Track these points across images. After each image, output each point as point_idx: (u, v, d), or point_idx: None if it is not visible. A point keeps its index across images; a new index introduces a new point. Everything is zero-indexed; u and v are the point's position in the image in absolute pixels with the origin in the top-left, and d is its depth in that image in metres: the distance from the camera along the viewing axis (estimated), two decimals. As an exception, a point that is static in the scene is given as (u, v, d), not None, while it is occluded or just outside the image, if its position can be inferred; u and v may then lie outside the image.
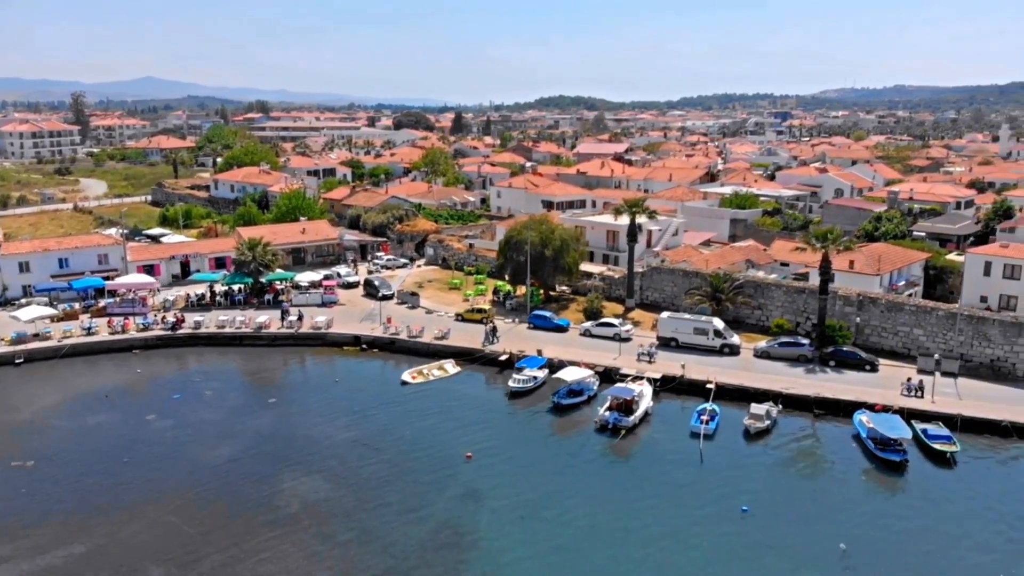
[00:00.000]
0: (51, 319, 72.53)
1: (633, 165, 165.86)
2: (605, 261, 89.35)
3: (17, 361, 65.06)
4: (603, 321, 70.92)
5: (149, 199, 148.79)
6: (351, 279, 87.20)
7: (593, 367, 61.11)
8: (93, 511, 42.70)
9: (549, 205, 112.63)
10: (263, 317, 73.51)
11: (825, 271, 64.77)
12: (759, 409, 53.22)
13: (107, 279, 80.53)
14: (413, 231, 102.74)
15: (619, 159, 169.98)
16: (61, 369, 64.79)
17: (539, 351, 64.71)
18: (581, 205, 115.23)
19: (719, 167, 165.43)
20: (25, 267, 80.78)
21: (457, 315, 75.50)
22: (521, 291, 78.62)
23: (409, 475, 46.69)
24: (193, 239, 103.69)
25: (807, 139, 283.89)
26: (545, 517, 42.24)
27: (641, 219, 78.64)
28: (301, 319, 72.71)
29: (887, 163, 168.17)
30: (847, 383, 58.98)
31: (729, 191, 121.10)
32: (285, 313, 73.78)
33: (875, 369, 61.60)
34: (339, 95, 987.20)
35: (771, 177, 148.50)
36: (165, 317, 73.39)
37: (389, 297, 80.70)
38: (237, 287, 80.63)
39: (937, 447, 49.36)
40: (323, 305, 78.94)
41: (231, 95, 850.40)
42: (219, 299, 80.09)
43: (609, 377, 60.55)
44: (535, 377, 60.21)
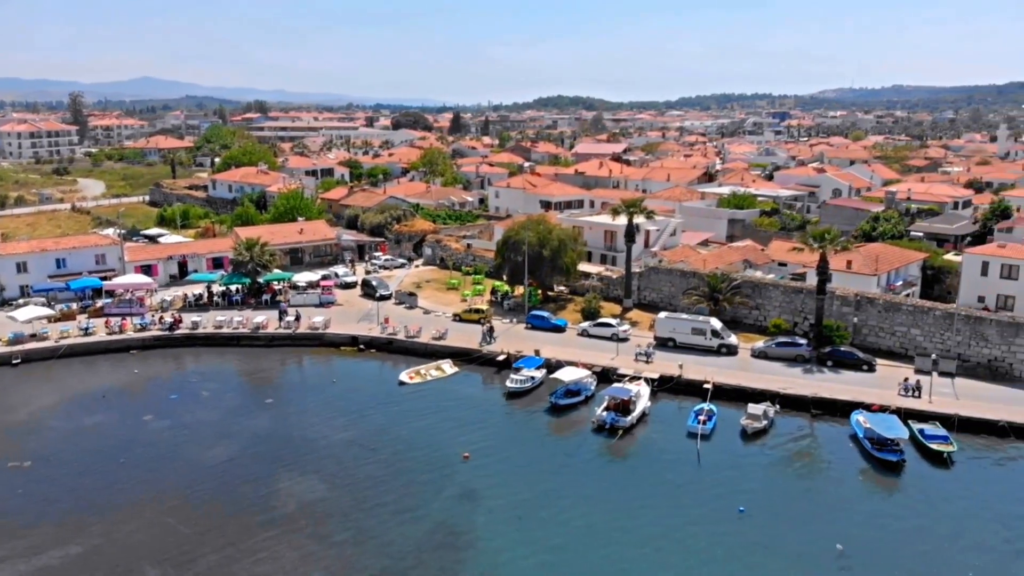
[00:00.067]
0: (48, 319, 72.43)
1: (631, 165, 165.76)
2: (603, 261, 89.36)
3: (14, 361, 65.02)
4: (601, 321, 70.94)
5: (147, 199, 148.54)
6: (349, 279, 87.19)
7: (591, 367, 61.14)
8: (89, 511, 42.66)
9: (547, 205, 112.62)
10: (261, 317, 73.46)
11: (823, 271, 64.80)
12: (756, 409, 53.27)
13: (104, 279, 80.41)
14: (411, 231, 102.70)
15: (617, 159, 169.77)
16: (58, 369, 64.72)
17: (537, 351, 64.74)
18: (579, 205, 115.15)
19: (717, 167, 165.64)
20: (22, 267, 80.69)
21: (455, 315, 75.49)
22: (519, 291, 78.54)
23: (406, 475, 46.68)
24: (191, 239, 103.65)
25: (805, 139, 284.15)
26: (542, 517, 42.24)
27: (639, 219, 78.81)
28: (299, 319, 72.67)
29: (885, 163, 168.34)
30: (844, 383, 59.04)
31: (727, 191, 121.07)
32: (283, 313, 73.76)
33: (872, 369, 61.67)
34: (337, 95, 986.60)
35: (769, 177, 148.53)
36: (163, 317, 73.36)
37: (387, 297, 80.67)
38: (235, 287, 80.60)
39: (934, 447, 49.42)
40: (321, 305, 78.94)
41: (229, 95, 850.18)
42: (217, 299, 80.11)
43: (607, 377, 60.57)
44: (532, 377, 60.23)
